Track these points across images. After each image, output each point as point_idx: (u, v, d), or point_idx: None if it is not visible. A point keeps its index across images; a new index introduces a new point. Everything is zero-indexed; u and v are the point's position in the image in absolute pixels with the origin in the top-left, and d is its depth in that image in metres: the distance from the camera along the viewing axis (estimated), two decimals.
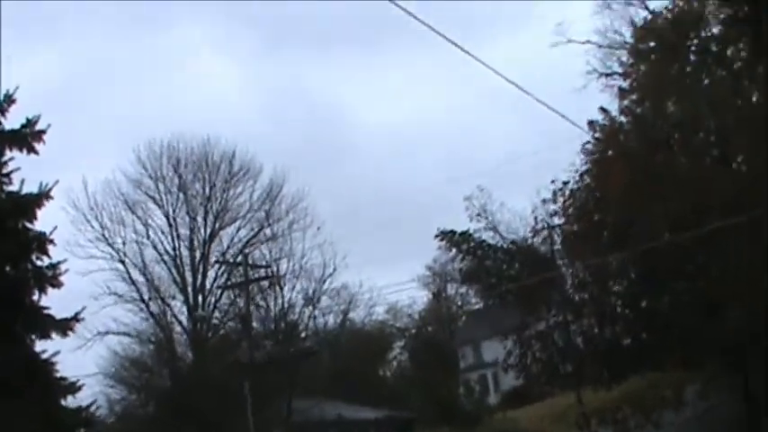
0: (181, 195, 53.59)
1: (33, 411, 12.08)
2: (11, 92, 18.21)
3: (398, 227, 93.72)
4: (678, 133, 34.87)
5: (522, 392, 62.21)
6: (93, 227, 51.40)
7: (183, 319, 51.90)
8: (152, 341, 51.12)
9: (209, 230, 53.26)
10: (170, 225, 53.05)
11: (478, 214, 75.09)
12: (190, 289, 52.32)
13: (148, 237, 52.43)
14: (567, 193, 43.21)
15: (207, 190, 53.93)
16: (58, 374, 14.79)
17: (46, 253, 14.83)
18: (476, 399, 59.05)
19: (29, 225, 15.29)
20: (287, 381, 45.86)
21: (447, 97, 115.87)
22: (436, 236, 78.15)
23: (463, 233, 78.12)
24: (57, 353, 14.88)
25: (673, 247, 28.82)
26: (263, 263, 45.14)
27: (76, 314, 16.41)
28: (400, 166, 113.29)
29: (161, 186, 53.28)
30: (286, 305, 47.36)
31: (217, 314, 51.40)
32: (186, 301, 52.03)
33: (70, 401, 14.89)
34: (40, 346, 15.18)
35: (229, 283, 46.39)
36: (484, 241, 77.88)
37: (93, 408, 16.43)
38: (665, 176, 31.35)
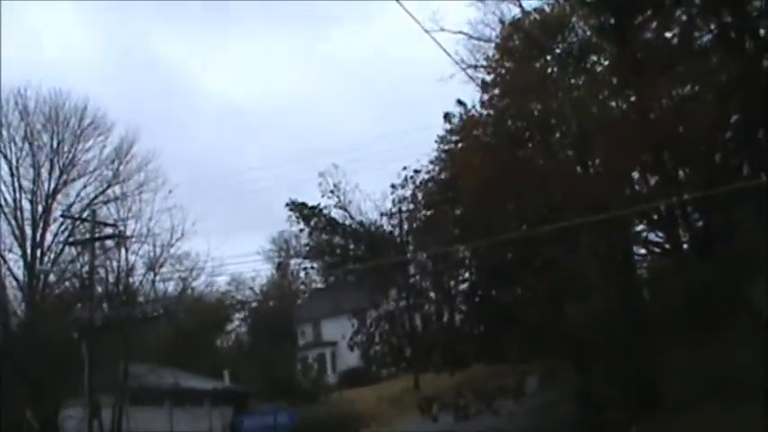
0: (26, 146, 51.39)
1: None
2: None
3: (247, 198, 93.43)
4: (537, 131, 35.65)
5: (360, 374, 62.83)
6: None
7: (19, 274, 49.88)
8: None
9: (53, 184, 51.22)
10: (12, 175, 50.81)
11: (331, 191, 75.62)
12: (29, 243, 50.26)
13: None
14: (418, 181, 43.85)
15: (55, 142, 51.87)
16: None
17: None
18: (313, 377, 59.21)
19: None
20: (123, 345, 44.84)
21: (301, 77, 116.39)
22: (287, 205, 78.16)
23: (313, 207, 78.45)
24: None
25: (524, 242, 29.47)
26: (111, 221, 43.81)
27: None
28: (251, 140, 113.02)
29: (5, 134, 50.97)
30: (131, 266, 46.32)
31: (54, 272, 49.54)
32: (24, 256, 49.91)
33: None
34: None
35: (73, 239, 44.72)
36: (333, 219, 78.48)
37: None
38: (522, 172, 32.00)
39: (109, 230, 42.62)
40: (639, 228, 34.12)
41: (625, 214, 29.20)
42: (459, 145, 49.42)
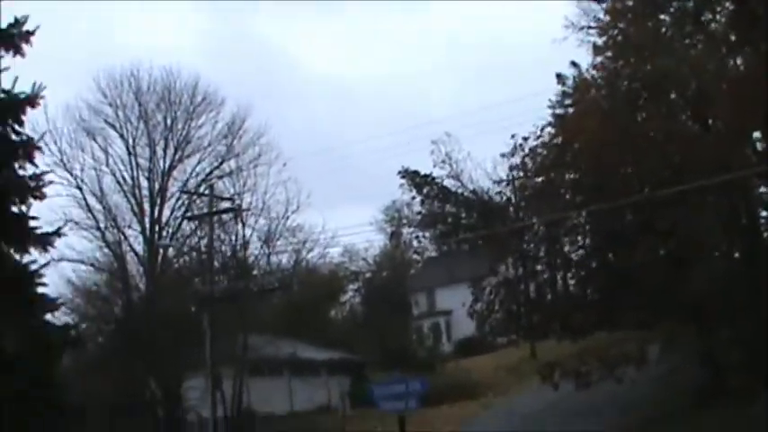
0: (141, 125, 52.55)
1: (20, 327, 11.42)
2: None
3: (358, 169, 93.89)
4: (653, 92, 34.64)
5: (475, 343, 62.68)
6: (51, 151, 50.20)
7: (139, 249, 51.18)
8: (107, 270, 50.34)
9: (169, 161, 52.36)
10: (129, 153, 52.08)
11: (443, 160, 75.49)
12: (147, 219, 51.49)
13: (107, 164, 51.40)
14: (528, 149, 43.14)
15: (168, 120, 52.93)
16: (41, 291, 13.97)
17: (32, 161, 13.70)
18: (429, 346, 59.21)
19: (17, 128, 14.09)
20: (242, 317, 45.59)
21: (405, 51, 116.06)
22: (399, 173, 78.36)
23: (426, 176, 78.36)
24: (46, 264, 13.94)
25: (643, 205, 28.73)
26: (227, 196, 44.47)
27: (59, 229, 15.59)
28: (358, 113, 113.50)
29: (121, 114, 52.21)
30: (246, 240, 47.01)
31: (173, 246, 50.65)
32: (143, 232, 51.22)
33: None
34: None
35: (191, 214, 45.53)
36: (446, 187, 78.18)
37: (76, 328, 15.75)
38: (640, 134, 31.17)
39: (226, 204, 43.13)
40: (762, 189, 32.95)
41: (747, 175, 28.18)
42: (572, 109, 48.60)
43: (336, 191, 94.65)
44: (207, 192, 42.20)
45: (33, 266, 13.33)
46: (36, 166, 14.17)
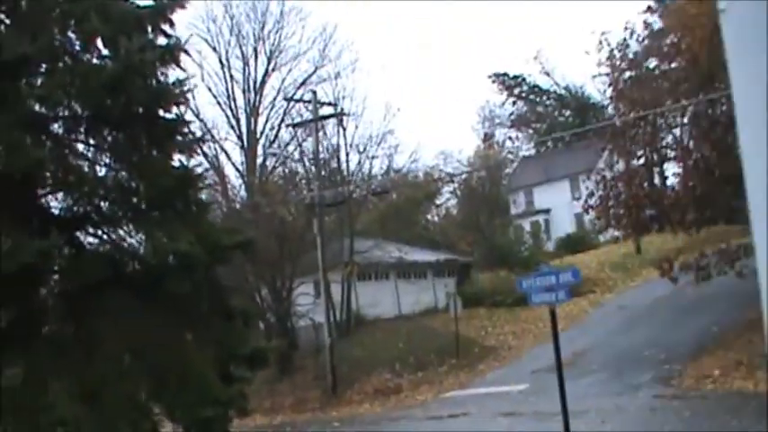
0: (233, 37, 52.56)
1: (190, 231, 11.45)
2: None
3: (451, 71, 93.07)
4: None
5: (576, 240, 62.36)
6: None
7: (237, 162, 51.65)
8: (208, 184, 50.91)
9: (262, 71, 52.40)
10: (222, 66, 52.22)
11: (534, 57, 74.37)
12: (244, 130, 51.79)
13: (202, 79, 51.61)
14: (615, 43, 41.91)
15: (258, 31, 52.86)
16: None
17: (179, 64, 13.53)
18: (532, 244, 59.01)
19: (168, 31, 13.90)
20: (348, 222, 45.91)
21: None
22: (489, 77, 77.58)
23: (516, 76, 77.47)
24: (207, 170, 13.82)
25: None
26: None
27: (203, 135, 15.51)
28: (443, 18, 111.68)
29: (212, 27, 52.25)
30: (348, 146, 46.98)
31: (277, 155, 51.01)
32: (241, 143, 51.62)
33: None
34: None
35: (295, 122, 45.52)
36: (537, 86, 77.21)
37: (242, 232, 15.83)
38: None
39: (328, 110, 42.96)
40: None
41: None
42: None
43: (429, 96, 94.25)
44: (309, 99, 41.89)
45: (197, 171, 13.33)
46: (184, 69, 14.08)
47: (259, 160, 51.38)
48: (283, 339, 37.62)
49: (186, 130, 13.41)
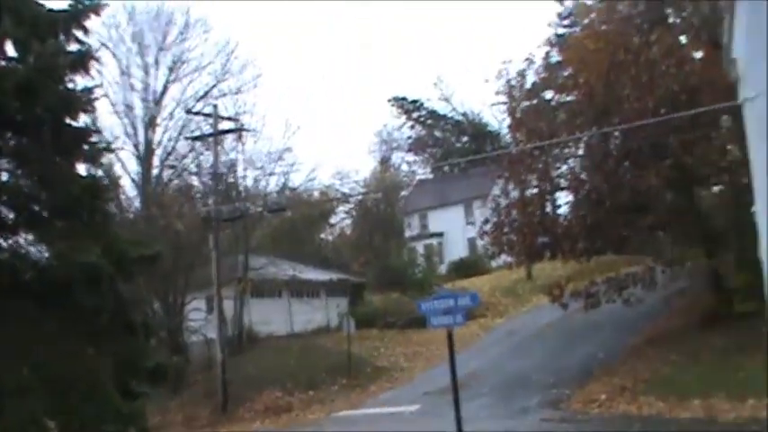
0: (135, 45, 51.82)
1: (96, 242, 11.19)
2: None
3: (352, 93, 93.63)
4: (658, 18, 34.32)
5: (468, 264, 63.21)
6: None
7: (132, 172, 50.81)
8: None
9: (162, 82, 51.75)
10: (122, 74, 51.39)
11: (434, 84, 75.46)
12: (141, 140, 51.01)
13: (101, 86, 50.58)
14: (515, 72, 42.86)
15: (161, 40, 52.24)
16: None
17: (88, 70, 13.20)
18: (425, 267, 59.54)
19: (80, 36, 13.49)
20: (244, 238, 45.65)
21: None
22: (389, 101, 78.27)
23: (414, 101, 78.40)
24: (111, 179, 13.45)
25: (656, 127, 28.59)
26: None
27: (109, 145, 15.19)
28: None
29: (114, 34, 51.37)
30: (246, 162, 46.80)
31: (172, 167, 50.31)
32: (137, 154, 50.80)
33: None
34: None
35: (193, 134, 44.93)
36: (435, 111, 78.22)
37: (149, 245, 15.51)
38: (649, 58, 30.88)
39: (228, 124, 42.61)
40: None
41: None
42: (572, 29, 48.07)
43: (329, 116, 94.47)
44: (209, 112, 41.49)
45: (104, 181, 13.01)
46: (92, 77, 13.79)
47: (155, 171, 50.66)
48: (175, 355, 37.12)
49: (94, 139, 13.16)
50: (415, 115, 78.01)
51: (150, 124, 51.13)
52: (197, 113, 43.04)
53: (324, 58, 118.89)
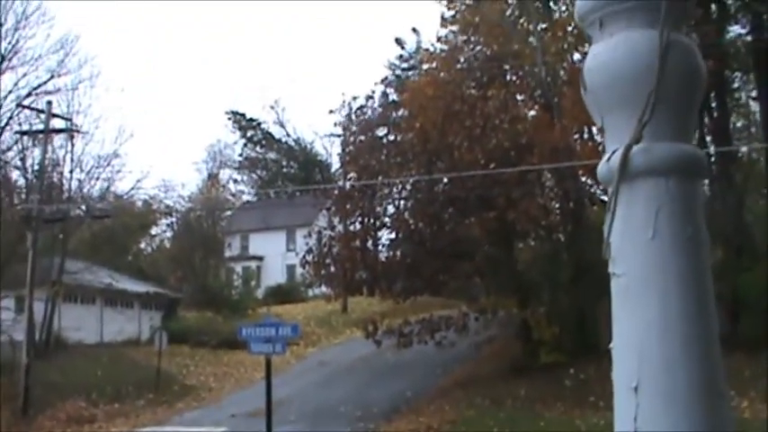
0: None
1: None
2: None
3: (187, 106, 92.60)
4: (501, 72, 35.87)
5: (285, 290, 63.63)
6: None
7: None
8: None
9: None
10: None
11: (271, 106, 75.62)
12: None
13: None
14: (355, 107, 43.97)
15: None
16: None
17: None
18: (243, 290, 59.61)
19: None
20: (62, 240, 44.59)
21: None
22: (226, 113, 78.10)
23: (252, 119, 78.53)
24: None
25: (485, 179, 29.93)
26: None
27: None
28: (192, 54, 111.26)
29: None
30: (77, 161, 45.71)
31: None
32: None
33: None
34: None
35: (24, 130, 43.41)
36: (270, 134, 78.63)
37: None
38: (484, 111, 32.26)
39: (60, 123, 41.62)
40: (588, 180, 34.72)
41: (586, 163, 29.76)
42: (412, 72, 49.67)
43: (162, 126, 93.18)
44: (41, 108, 40.38)
45: None
46: None
47: None
48: None
49: None
50: (249, 134, 78.15)
51: None
52: (31, 108, 41.75)
53: (164, 64, 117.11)
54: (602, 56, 1.87)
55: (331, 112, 66.20)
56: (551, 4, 38.86)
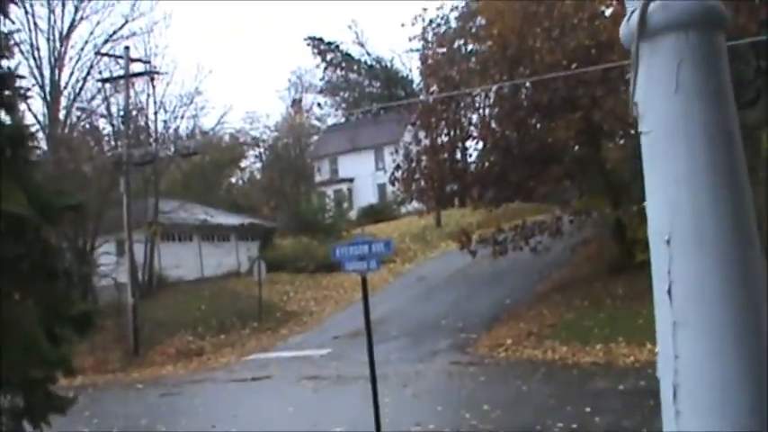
0: None
1: (22, 192, 11.03)
2: None
3: (265, 32, 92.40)
4: None
5: (378, 210, 63.84)
6: None
7: (40, 115, 49.72)
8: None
9: (68, 21, 50.50)
10: (27, 13, 49.96)
11: (349, 26, 75.15)
12: (47, 81, 49.87)
13: (20, 30, 49.08)
14: (428, 20, 43.20)
15: None
16: None
17: (7, 15, 12.62)
18: (336, 213, 59.96)
19: None
20: (154, 181, 45.37)
21: None
22: (305, 39, 78.03)
23: (330, 43, 78.23)
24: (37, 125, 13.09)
25: (568, 80, 29.34)
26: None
27: (27, 90, 14.77)
28: None
29: None
30: (157, 105, 46.32)
31: (82, 109, 49.42)
32: (43, 95, 49.67)
33: None
34: None
35: (104, 76, 44.15)
36: (350, 55, 78.24)
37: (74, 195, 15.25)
38: (561, 11, 31.49)
39: (139, 67, 42.00)
40: None
41: None
42: None
43: (241, 56, 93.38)
44: (119, 54, 40.82)
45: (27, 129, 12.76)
46: (13, 21, 13.32)
47: (62, 114, 49.73)
48: (85, 299, 36.87)
49: (17, 83, 12.91)
50: (329, 57, 77.96)
51: (56, 65, 49.99)
52: (108, 55, 42.27)
53: None
54: None
55: (402, 25, 65.00)
56: None
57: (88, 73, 48.64)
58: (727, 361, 1.77)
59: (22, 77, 12.93)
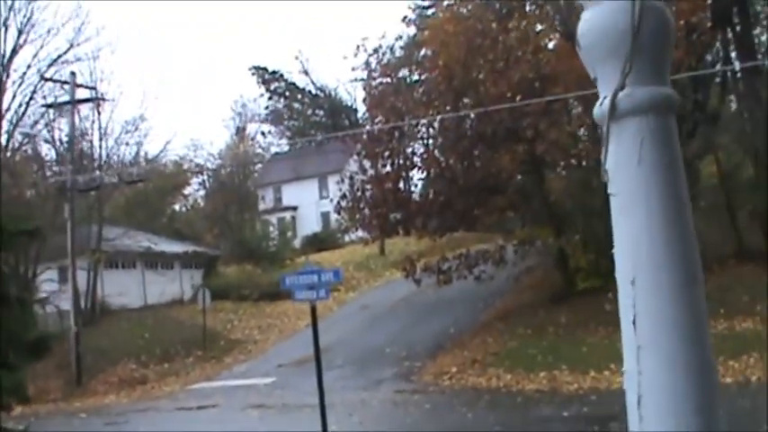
0: None
1: None
2: None
3: (211, 62, 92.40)
4: (520, 4, 35.59)
5: (322, 238, 64.05)
6: None
7: None
8: None
9: (11, 45, 50.07)
10: None
11: (295, 57, 75.52)
12: None
13: None
14: (371, 49, 43.70)
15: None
16: None
17: None
18: (280, 241, 60.08)
19: None
20: (98, 208, 45.14)
21: None
22: (249, 69, 78.35)
23: (274, 72, 78.64)
24: None
25: (509, 112, 29.92)
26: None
27: None
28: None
29: None
30: (102, 131, 46.11)
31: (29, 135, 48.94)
32: None
33: None
34: None
35: (45, 101, 43.76)
36: (294, 84, 78.69)
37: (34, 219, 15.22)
38: (506, 44, 32.11)
39: (85, 92, 41.85)
40: None
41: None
42: (432, 8, 49.20)
43: (186, 84, 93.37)
44: (64, 79, 40.64)
45: None
46: None
47: (3, 138, 49.15)
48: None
49: None
50: (273, 86, 78.37)
51: None
52: (52, 80, 41.99)
53: (183, 26, 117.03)
54: (591, 21, 2.33)
55: (345, 57, 65.86)
56: None
57: (31, 97, 48.16)
58: (679, 375, 2.18)
59: None
